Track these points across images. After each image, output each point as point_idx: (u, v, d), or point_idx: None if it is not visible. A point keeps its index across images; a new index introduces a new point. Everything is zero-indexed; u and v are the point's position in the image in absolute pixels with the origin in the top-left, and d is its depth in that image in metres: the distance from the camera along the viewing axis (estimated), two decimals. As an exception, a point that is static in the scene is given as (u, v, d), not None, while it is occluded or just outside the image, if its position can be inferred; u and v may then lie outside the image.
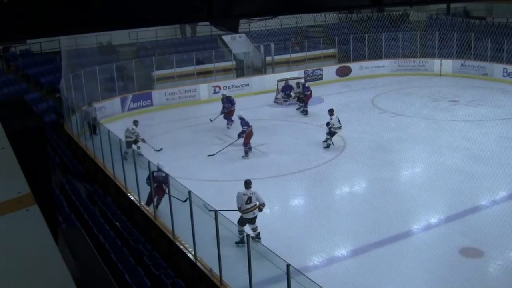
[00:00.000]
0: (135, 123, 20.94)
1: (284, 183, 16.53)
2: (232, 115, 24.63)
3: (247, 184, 14.00)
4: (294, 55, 35.18)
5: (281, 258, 9.35)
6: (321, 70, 33.09)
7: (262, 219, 14.48)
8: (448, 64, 34.46)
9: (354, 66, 35.20)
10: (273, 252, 9.74)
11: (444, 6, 41.80)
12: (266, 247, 10.02)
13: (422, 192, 17.25)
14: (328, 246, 13.89)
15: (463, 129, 23.30)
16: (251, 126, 20.65)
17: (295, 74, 31.94)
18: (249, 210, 13.79)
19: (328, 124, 21.51)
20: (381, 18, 40.97)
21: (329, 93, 29.77)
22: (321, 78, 33.42)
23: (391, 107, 26.98)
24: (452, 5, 42.21)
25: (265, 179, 17.45)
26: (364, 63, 35.39)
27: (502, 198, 16.83)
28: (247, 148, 20.66)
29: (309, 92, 27.24)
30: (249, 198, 13.76)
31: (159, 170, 15.12)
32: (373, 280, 12.36)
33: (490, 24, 38.25)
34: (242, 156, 20.46)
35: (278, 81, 29.96)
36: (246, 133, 20.53)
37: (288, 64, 34.73)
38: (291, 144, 22.22)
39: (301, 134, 23.70)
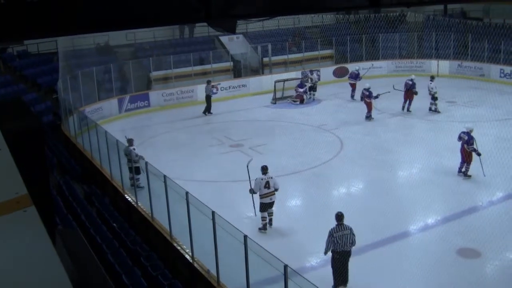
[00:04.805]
0: (130, 142, 18.04)
1: (281, 184, 16.52)
2: None
3: (265, 169, 14.71)
4: (291, 56, 35.20)
5: (278, 259, 9.35)
6: (318, 70, 33.05)
7: (259, 219, 14.62)
8: (445, 65, 34.48)
9: (351, 67, 35.19)
10: (270, 253, 9.73)
11: (441, 7, 41.84)
12: (263, 248, 9.99)
13: (419, 193, 17.26)
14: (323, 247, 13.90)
15: (461, 130, 23.30)
16: None
17: (292, 75, 31.94)
18: (267, 195, 14.50)
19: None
20: (378, 19, 41.03)
21: (327, 94, 29.77)
22: (318, 79, 33.41)
23: (388, 108, 26.97)
24: (449, 6, 42.25)
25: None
26: (362, 64, 35.41)
27: (499, 199, 16.86)
28: None
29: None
30: (267, 183, 14.49)
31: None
32: (371, 281, 12.37)
33: (487, 25, 38.29)
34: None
35: (276, 81, 29.96)
36: None
37: (286, 65, 34.74)
38: (288, 144, 22.23)
39: (299, 134, 23.71)
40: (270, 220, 14.84)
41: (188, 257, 12.41)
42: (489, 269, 13.10)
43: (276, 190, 14.64)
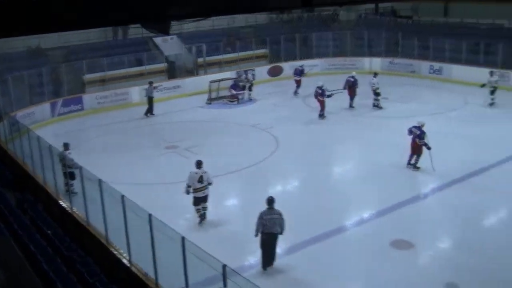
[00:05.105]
0: (66, 146, 17.73)
1: (218, 184, 16.53)
2: None
3: (199, 164, 15.04)
4: (226, 56, 35.15)
5: (216, 258, 9.34)
6: (253, 70, 33.13)
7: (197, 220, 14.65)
8: (377, 62, 35.20)
9: (285, 65, 35.48)
10: (208, 254, 9.71)
11: (372, 5, 42.64)
12: (201, 248, 9.96)
13: (355, 188, 17.63)
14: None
15: (393, 126, 23.89)
16: None
17: (227, 75, 31.94)
18: (201, 189, 14.90)
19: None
20: (311, 18, 41.52)
21: (262, 93, 29.92)
22: (253, 79, 33.49)
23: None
24: (380, 5, 43.09)
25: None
26: (295, 63, 35.72)
27: (432, 191, 17.37)
28: None
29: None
30: (201, 177, 14.86)
31: None
32: (309, 276, 12.55)
33: (416, 23, 39.38)
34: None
35: (210, 82, 29.91)
36: None
37: (220, 65, 34.69)
38: (224, 144, 22.26)
39: (235, 134, 23.78)
40: (204, 214, 15.15)
41: (125, 261, 12.24)
42: (422, 260, 13.50)
43: (209, 184, 15.01)
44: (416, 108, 26.33)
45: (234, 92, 29.36)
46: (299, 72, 30.95)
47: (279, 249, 13.48)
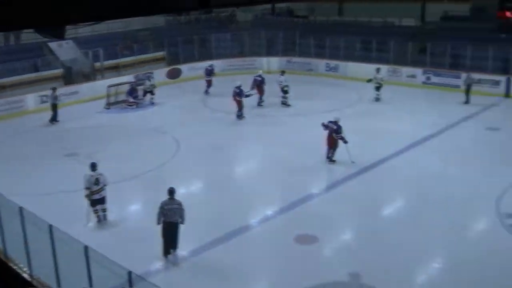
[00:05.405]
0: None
1: (119, 190, 16.33)
2: None
3: (94, 166, 15.15)
4: (123, 60, 34.62)
5: (121, 266, 9.26)
6: (151, 73, 32.80)
7: (101, 225, 14.41)
8: (275, 62, 35.75)
9: (184, 67, 35.42)
10: (112, 261, 9.61)
11: (269, 6, 43.27)
12: (105, 256, 9.84)
13: (257, 186, 17.86)
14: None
15: (292, 123, 24.44)
16: None
17: (125, 79, 31.43)
18: (97, 191, 14.98)
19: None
20: (209, 19, 41.65)
21: (161, 96, 29.67)
22: (149, 80, 33.06)
23: (222, 106, 27.58)
24: (277, 5, 43.86)
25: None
26: (194, 64, 35.75)
27: (331, 185, 17.85)
28: None
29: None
30: (97, 179, 14.97)
31: None
32: (215, 277, 12.64)
33: (312, 22, 40.37)
34: None
35: (108, 86, 29.36)
36: None
37: (118, 69, 34.12)
38: (125, 149, 21.93)
39: (135, 138, 23.49)
40: (105, 215, 15.29)
41: (26, 275, 11.87)
42: (326, 252, 13.88)
43: (105, 186, 15.11)
44: (314, 105, 27.04)
45: (131, 99, 28.96)
46: (209, 72, 31.39)
47: (185, 252, 13.53)
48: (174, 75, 34.94)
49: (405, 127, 22.83)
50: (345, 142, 18.96)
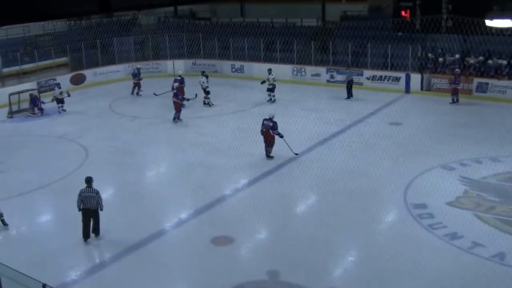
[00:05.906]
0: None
1: (29, 201, 15.84)
2: None
3: None
4: (24, 67, 33.46)
5: (34, 279, 9.03)
6: (55, 79, 31.87)
7: (11, 238, 13.90)
8: (180, 64, 35.58)
9: (88, 73, 34.69)
10: (25, 275, 9.36)
11: (171, 9, 43.10)
12: (17, 270, 9.56)
13: (169, 190, 17.78)
14: (83, 258, 13.71)
15: (200, 125, 24.47)
16: None
17: (27, 86, 30.39)
18: None
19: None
20: (111, 23, 40.92)
21: (67, 102, 28.84)
22: (59, 87, 32.19)
23: (128, 111, 27.22)
24: (179, 8, 43.69)
25: (8, 199, 16.44)
26: (98, 69, 35.10)
27: (244, 185, 18.01)
28: None
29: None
30: None
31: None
32: (136, 283, 12.47)
33: (215, 24, 40.45)
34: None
35: (10, 94, 28.26)
36: None
37: (19, 76, 32.96)
38: (30, 159, 21.23)
39: (41, 147, 22.78)
40: (2, 220, 15.17)
41: None
42: (243, 252, 13.97)
43: None
44: (221, 107, 27.22)
45: (36, 110, 28.08)
46: (137, 74, 31.36)
47: (97, 260, 13.33)
48: (78, 81, 34.13)
49: (313, 125, 23.28)
50: (281, 136, 19.63)
